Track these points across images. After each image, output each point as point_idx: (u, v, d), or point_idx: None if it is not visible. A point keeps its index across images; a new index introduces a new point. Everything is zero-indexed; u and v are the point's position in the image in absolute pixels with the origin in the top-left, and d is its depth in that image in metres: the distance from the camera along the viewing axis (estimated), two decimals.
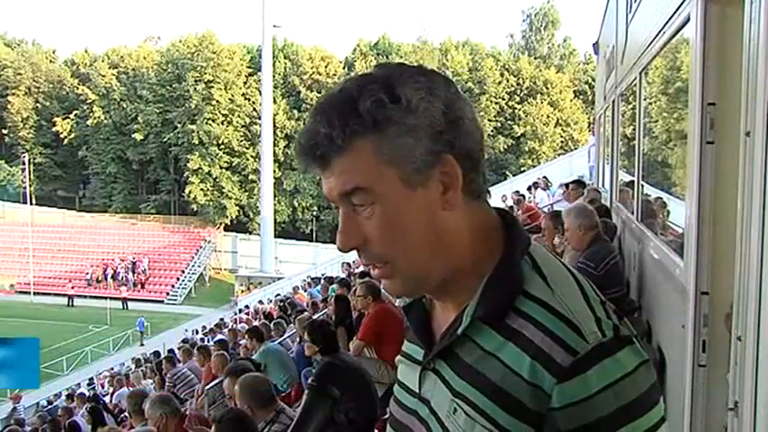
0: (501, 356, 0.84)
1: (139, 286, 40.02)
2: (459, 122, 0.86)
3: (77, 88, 49.25)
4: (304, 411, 3.78)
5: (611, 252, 4.50)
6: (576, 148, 33.54)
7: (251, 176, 46.53)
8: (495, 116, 45.22)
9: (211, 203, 45.89)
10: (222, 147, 46.10)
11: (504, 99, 45.82)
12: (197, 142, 45.39)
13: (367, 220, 0.86)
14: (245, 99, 47.54)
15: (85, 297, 38.34)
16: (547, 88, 45.87)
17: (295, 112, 46.80)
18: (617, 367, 0.80)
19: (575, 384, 0.79)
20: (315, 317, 8.46)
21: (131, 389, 10.55)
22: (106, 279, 40.19)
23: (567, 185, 11.09)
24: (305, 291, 18.31)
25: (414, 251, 0.87)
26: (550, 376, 0.80)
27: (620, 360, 0.80)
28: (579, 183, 10.05)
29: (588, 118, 43.51)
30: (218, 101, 45.77)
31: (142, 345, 28.12)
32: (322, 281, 15.60)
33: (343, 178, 0.85)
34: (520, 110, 45.61)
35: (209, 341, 15.44)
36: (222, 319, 21.89)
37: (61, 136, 49.12)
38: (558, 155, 37.85)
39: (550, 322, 0.82)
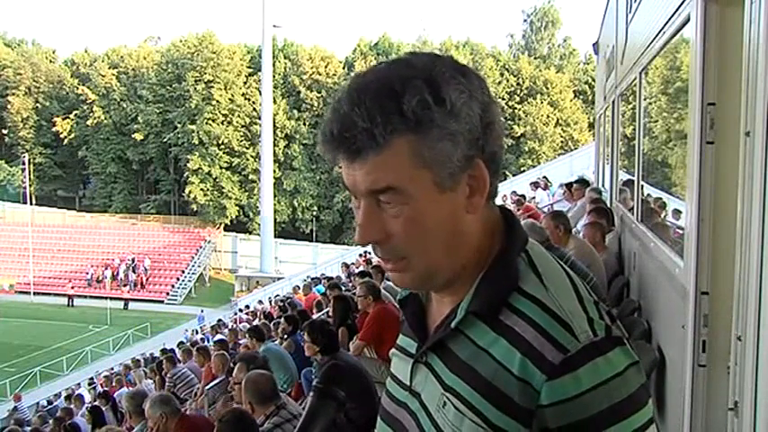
0: (492, 352, 0.84)
1: (139, 286, 39.97)
2: (491, 127, 0.86)
3: (77, 88, 49.26)
4: (309, 413, 3.77)
5: (563, 256, 4.59)
6: (575, 148, 33.51)
7: (251, 176, 46.48)
8: None
9: (211, 203, 45.85)
10: (222, 147, 46.07)
11: (504, 99, 45.66)
12: (197, 142, 45.35)
13: (393, 218, 0.85)
14: (245, 99, 47.50)
15: (85, 297, 38.28)
16: (547, 88, 45.85)
17: (295, 112, 46.80)
18: (608, 367, 0.80)
19: (565, 382, 0.79)
20: (315, 317, 8.45)
21: (130, 389, 10.54)
22: (106, 279, 40.19)
23: (567, 185, 11.05)
24: (306, 292, 18.25)
25: (432, 251, 0.86)
26: (540, 373, 0.80)
27: (610, 360, 0.80)
28: (582, 182, 9.95)
29: (588, 118, 43.52)
30: (218, 101, 45.73)
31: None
32: (322, 281, 15.60)
33: (375, 176, 0.82)
34: (520, 110, 45.56)
35: (208, 341, 15.43)
36: (221, 320, 21.85)
37: (61, 136, 49.09)
38: (558, 155, 37.80)
39: (543, 320, 0.82)
